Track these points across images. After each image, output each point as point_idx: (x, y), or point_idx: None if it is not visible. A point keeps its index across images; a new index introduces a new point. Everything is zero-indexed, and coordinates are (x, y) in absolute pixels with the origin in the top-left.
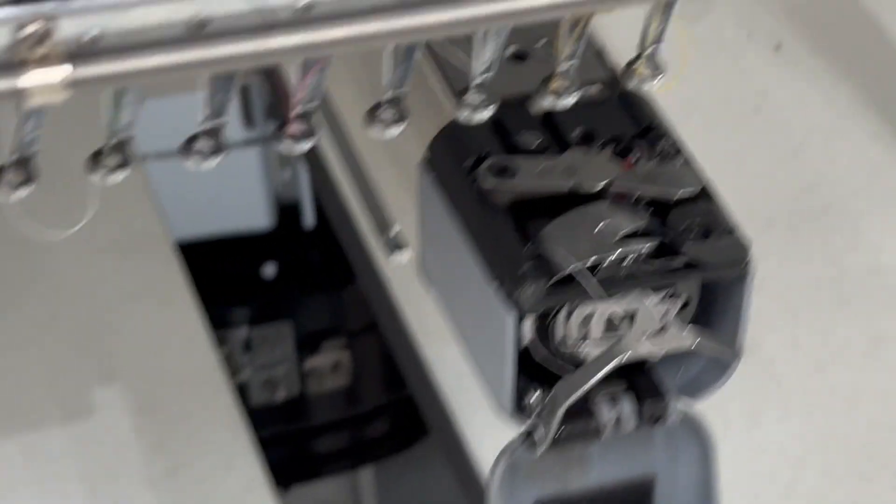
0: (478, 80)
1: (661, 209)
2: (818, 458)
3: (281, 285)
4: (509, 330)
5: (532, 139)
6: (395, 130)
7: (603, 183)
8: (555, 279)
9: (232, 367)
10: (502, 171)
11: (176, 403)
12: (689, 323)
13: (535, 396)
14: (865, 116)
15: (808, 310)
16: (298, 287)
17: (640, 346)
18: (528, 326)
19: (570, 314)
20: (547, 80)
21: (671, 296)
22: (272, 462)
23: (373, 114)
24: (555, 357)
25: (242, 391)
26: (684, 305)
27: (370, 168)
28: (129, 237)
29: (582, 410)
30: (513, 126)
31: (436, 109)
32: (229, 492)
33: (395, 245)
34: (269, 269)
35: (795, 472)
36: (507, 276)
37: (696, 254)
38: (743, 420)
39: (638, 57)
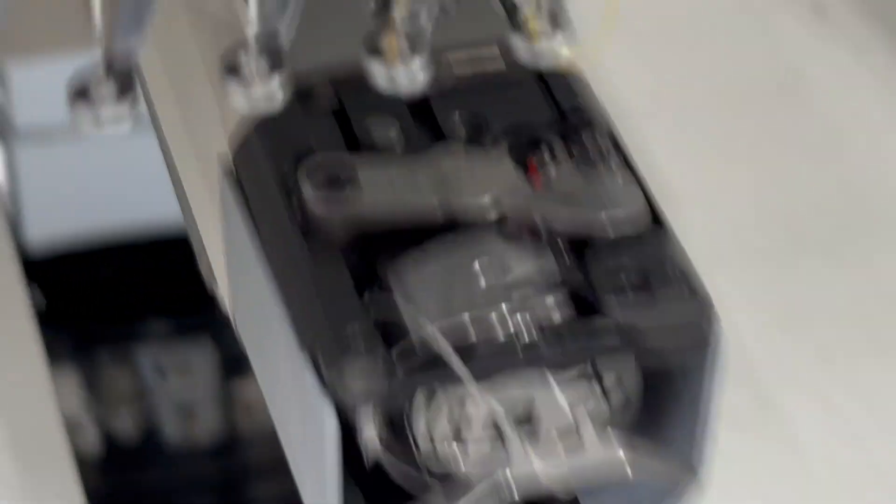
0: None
1: (580, 246)
2: None
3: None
4: (329, 434)
5: (387, 131)
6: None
7: (491, 201)
8: (400, 353)
9: (137, 388)
10: (335, 182)
11: None
12: (626, 422)
13: None
14: None
15: (845, 358)
16: None
17: (539, 464)
18: (369, 424)
19: (430, 408)
20: (374, 36)
21: (596, 382)
22: None
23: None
24: (419, 473)
25: (151, 420)
26: (620, 397)
27: (182, 167)
28: None
29: None
30: (360, 111)
31: None
32: None
33: (209, 277)
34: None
35: None
36: (327, 347)
37: (630, 317)
38: None
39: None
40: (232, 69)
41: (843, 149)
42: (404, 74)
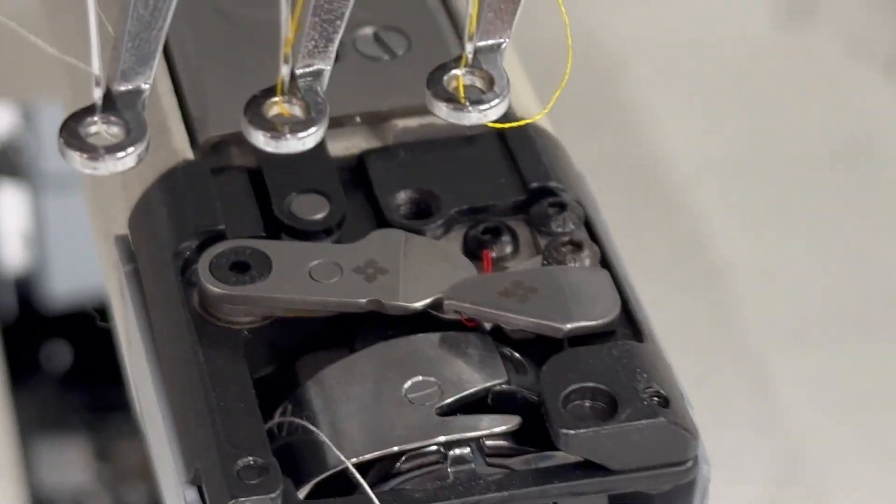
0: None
1: (539, 353)
2: None
3: None
4: None
5: (313, 211)
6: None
7: (431, 298)
8: (306, 490)
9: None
10: (241, 268)
11: None
12: None
13: None
14: None
15: None
16: None
17: None
18: None
19: None
20: (259, 98)
21: None
22: None
23: None
24: None
25: None
26: None
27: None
28: None
29: None
30: (282, 183)
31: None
32: None
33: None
34: None
35: None
36: (212, 477)
37: (593, 444)
38: None
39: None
40: (73, 133)
41: None
42: (286, 144)
